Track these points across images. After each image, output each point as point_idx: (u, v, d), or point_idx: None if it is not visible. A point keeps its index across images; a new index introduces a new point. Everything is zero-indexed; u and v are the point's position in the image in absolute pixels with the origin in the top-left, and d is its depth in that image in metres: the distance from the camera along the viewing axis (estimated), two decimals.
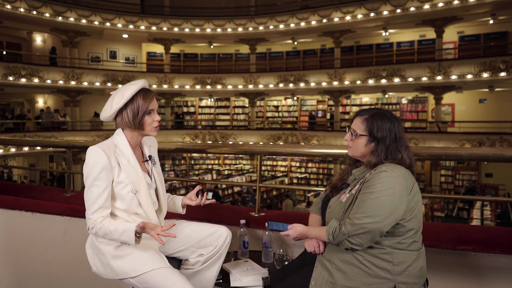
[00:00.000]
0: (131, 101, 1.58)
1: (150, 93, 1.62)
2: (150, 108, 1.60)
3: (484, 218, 9.09)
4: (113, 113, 1.60)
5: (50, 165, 17.29)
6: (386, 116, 1.47)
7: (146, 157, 1.73)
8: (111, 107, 1.59)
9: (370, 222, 1.33)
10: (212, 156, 18.07)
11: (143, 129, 1.62)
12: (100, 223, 1.52)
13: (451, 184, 14.70)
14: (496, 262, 1.83)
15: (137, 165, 1.63)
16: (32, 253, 2.67)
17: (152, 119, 1.62)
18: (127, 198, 1.59)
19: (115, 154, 1.59)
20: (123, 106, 1.59)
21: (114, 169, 1.57)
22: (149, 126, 1.62)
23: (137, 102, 1.58)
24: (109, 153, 1.57)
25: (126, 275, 1.57)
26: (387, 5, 13.92)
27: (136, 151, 1.69)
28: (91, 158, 1.55)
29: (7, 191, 3.16)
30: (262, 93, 17.21)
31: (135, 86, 1.59)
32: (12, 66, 13.81)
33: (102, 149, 1.56)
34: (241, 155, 16.91)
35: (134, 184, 1.59)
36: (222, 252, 1.75)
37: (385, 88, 15.00)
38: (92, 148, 1.56)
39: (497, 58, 12.66)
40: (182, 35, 16.94)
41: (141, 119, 1.59)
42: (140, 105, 1.58)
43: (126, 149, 1.62)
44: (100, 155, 1.55)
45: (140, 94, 1.59)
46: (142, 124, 1.60)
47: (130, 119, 1.59)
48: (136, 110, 1.58)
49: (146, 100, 1.59)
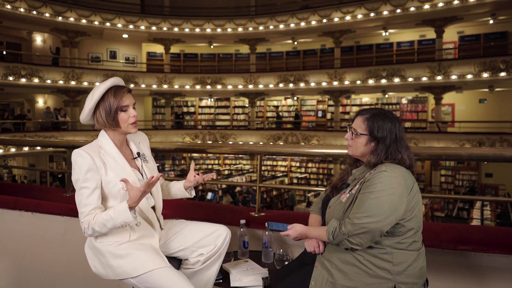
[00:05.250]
0: (102, 100, 1.58)
1: (121, 89, 1.60)
2: (123, 105, 1.58)
3: (484, 218, 9.08)
4: (86, 114, 1.60)
5: (50, 165, 17.28)
6: (387, 117, 1.47)
7: (135, 154, 1.72)
8: (85, 109, 1.60)
9: (370, 222, 1.33)
10: (212, 156, 18.07)
11: (119, 126, 1.61)
12: (93, 219, 1.50)
13: (451, 184, 14.70)
14: (496, 262, 1.83)
15: (124, 162, 1.63)
16: (32, 253, 2.67)
17: (128, 115, 1.60)
18: (119, 196, 1.58)
19: (99, 155, 1.58)
20: (96, 106, 1.59)
21: (100, 169, 1.56)
22: (124, 123, 1.60)
23: (108, 100, 1.57)
24: (93, 154, 1.56)
25: (127, 275, 1.56)
26: (387, 5, 13.92)
27: (124, 149, 1.69)
28: (75, 161, 1.55)
29: (7, 191, 3.16)
30: (262, 93, 17.21)
31: (104, 85, 1.58)
32: (12, 66, 13.82)
33: (85, 151, 1.56)
34: (241, 155, 16.92)
35: None
36: (222, 252, 1.75)
37: (385, 88, 15.01)
38: (75, 151, 1.56)
39: (497, 58, 12.67)
40: (182, 35, 16.94)
41: (114, 116, 1.58)
42: (112, 103, 1.57)
43: (110, 149, 1.62)
44: (84, 157, 1.54)
45: (110, 92, 1.58)
46: (117, 121, 1.59)
47: (104, 118, 1.59)
48: (108, 108, 1.57)
49: (117, 97, 1.57)
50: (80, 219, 1.54)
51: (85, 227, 1.52)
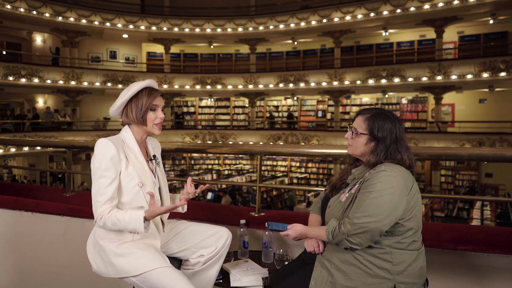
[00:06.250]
0: (135, 97, 1.64)
1: (155, 91, 1.67)
2: (154, 104, 1.64)
3: (484, 218, 9.07)
4: (118, 107, 1.66)
5: (50, 165, 17.28)
6: (388, 117, 1.47)
7: (151, 156, 1.75)
8: (117, 102, 1.65)
9: (370, 222, 1.33)
10: (212, 156, 18.07)
11: (146, 124, 1.65)
12: (108, 213, 1.52)
13: (451, 184, 14.70)
14: (496, 262, 1.83)
15: (143, 160, 1.67)
16: (32, 253, 2.67)
17: (156, 116, 1.66)
18: (133, 191, 1.60)
19: (123, 148, 1.63)
20: (129, 101, 1.64)
21: (122, 161, 1.59)
22: (151, 122, 1.65)
23: (142, 98, 1.63)
24: (118, 146, 1.60)
25: (128, 273, 1.56)
26: (387, 5, 13.92)
27: (142, 149, 1.72)
28: (99, 150, 1.57)
29: (7, 191, 3.16)
30: (262, 93, 17.21)
31: (142, 83, 1.65)
32: (12, 66, 13.81)
33: (111, 141, 1.59)
34: (241, 155, 16.92)
35: (140, 177, 1.62)
36: (223, 253, 1.75)
37: (385, 88, 15.00)
38: (100, 140, 1.60)
39: (497, 58, 12.67)
40: (182, 35, 16.94)
41: (144, 113, 1.63)
42: (144, 101, 1.63)
43: (133, 144, 1.66)
44: (109, 146, 1.57)
45: (145, 91, 1.65)
46: (145, 119, 1.64)
47: (134, 113, 1.64)
48: (140, 105, 1.63)
49: (150, 97, 1.64)
50: (94, 207, 1.55)
51: (98, 218, 1.53)
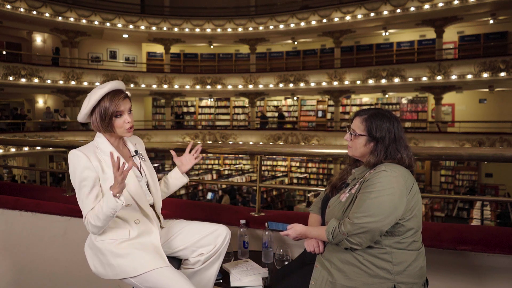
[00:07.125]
0: (98, 105, 1.58)
1: (118, 94, 1.58)
2: (118, 110, 1.58)
3: (484, 218, 9.07)
4: (82, 117, 1.61)
5: (50, 165, 17.28)
6: (385, 116, 1.47)
7: (133, 152, 1.73)
8: (81, 112, 1.60)
9: (370, 222, 1.33)
10: (212, 156, 18.06)
11: (114, 131, 1.61)
12: (90, 215, 1.52)
13: (451, 184, 14.70)
14: (496, 262, 1.83)
15: (121, 158, 1.62)
16: (32, 253, 2.67)
17: (123, 121, 1.60)
18: None
19: (95, 154, 1.59)
20: (92, 110, 1.59)
21: (97, 168, 1.57)
22: (120, 128, 1.61)
23: (103, 105, 1.56)
24: (88, 154, 1.57)
25: (126, 274, 1.56)
26: (387, 5, 13.91)
27: (122, 148, 1.70)
28: (71, 162, 1.56)
29: (7, 191, 3.16)
30: (262, 93, 17.21)
31: (102, 90, 1.57)
32: (12, 66, 13.81)
33: (80, 151, 1.57)
34: (241, 155, 16.91)
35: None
36: (222, 251, 1.75)
37: (385, 88, 15.00)
38: (70, 152, 1.58)
39: (497, 58, 12.66)
40: (182, 35, 16.94)
41: (109, 122, 1.58)
42: (107, 108, 1.56)
43: (106, 147, 1.62)
44: (79, 156, 1.56)
45: (107, 97, 1.57)
46: (112, 126, 1.60)
47: (98, 122, 1.59)
48: (103, 113, 1.57)
49: (112, 103, 1.56)
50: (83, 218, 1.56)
51: (87, 226, 1.55)
